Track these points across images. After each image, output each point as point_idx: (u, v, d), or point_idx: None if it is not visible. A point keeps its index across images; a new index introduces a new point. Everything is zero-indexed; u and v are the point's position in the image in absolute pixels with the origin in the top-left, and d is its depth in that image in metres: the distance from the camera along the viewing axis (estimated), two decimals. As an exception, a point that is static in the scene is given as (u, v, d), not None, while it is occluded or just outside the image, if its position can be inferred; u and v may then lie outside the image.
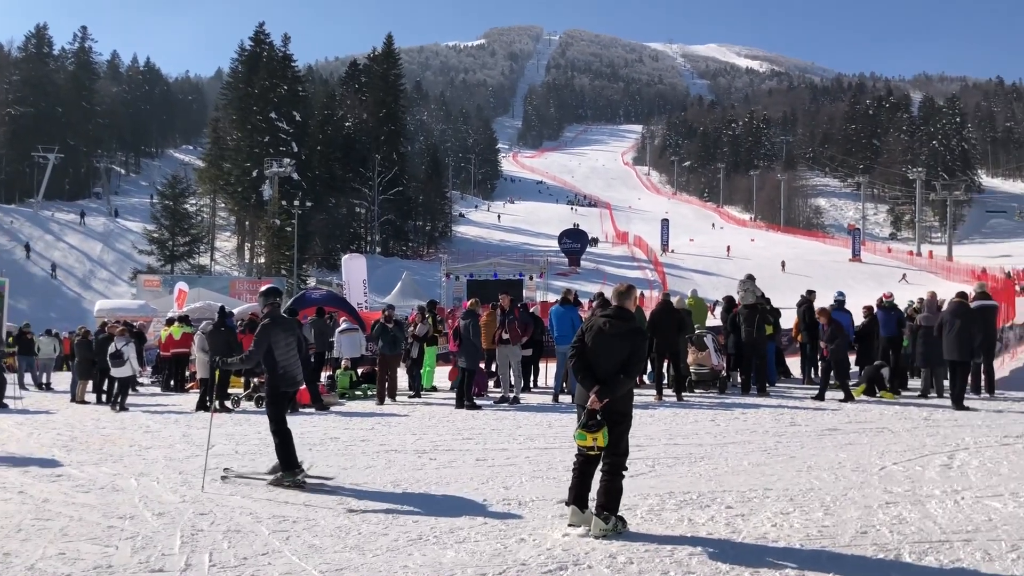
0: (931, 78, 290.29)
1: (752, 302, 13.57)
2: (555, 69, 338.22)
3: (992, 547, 4.74)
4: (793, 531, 5.15)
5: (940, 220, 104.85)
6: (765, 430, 9.50)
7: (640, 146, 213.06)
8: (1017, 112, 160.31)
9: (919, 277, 61.47)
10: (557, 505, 5.95)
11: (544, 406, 12.45)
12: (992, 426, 9.58)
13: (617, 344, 5.31)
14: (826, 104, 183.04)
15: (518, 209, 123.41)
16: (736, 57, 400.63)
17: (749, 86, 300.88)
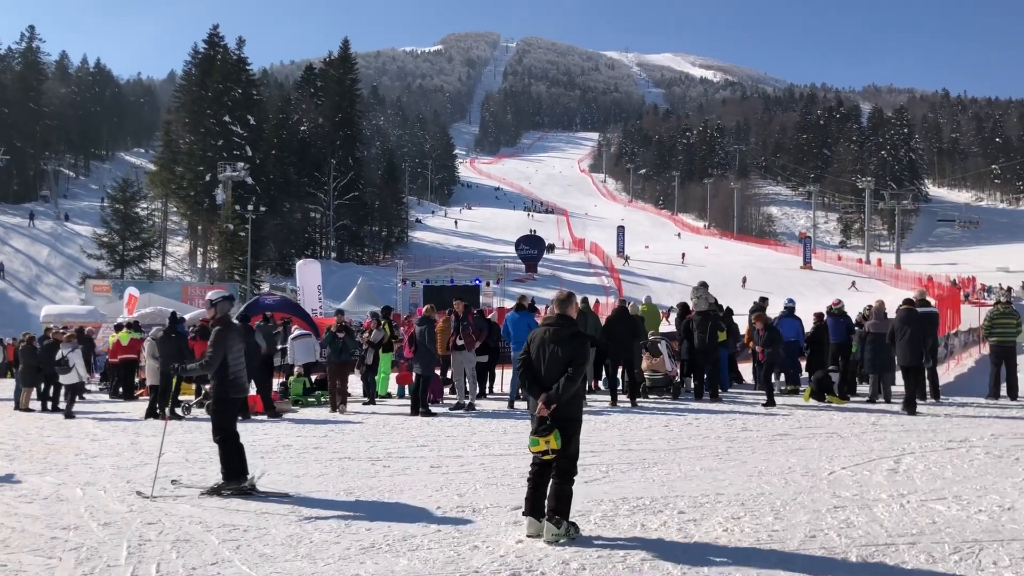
0: (880, 90, 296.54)
1: (705, 309, 13.73)
2: (512, 76, 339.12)
3: (935, 549, 4.84)
4: (744, 536, 5.21)
5: (888, 229, 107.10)
6: (717, 435, 9.61)
7: (596, 153, 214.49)
8: (962, 124, 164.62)
9: (868, 284, 62.69)
10: (512, 512, 5.95)
11: (499, 412, 12.45)
12: (937, 431, 9.79)
13: (561, 350, 5.37)
14: (778, 114, 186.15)
15: (475, 215, 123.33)
16: (690, 67, 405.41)
17: (703, 95, 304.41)
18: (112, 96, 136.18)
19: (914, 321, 12.13)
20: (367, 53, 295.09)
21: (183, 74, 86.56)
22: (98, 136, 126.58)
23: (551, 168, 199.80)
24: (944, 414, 11.40)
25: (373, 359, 14.39)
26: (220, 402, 7.20)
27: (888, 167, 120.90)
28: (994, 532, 5.24)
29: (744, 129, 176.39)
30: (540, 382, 5.37)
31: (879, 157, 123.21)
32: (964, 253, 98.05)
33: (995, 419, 10.84)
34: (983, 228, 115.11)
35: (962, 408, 12.14)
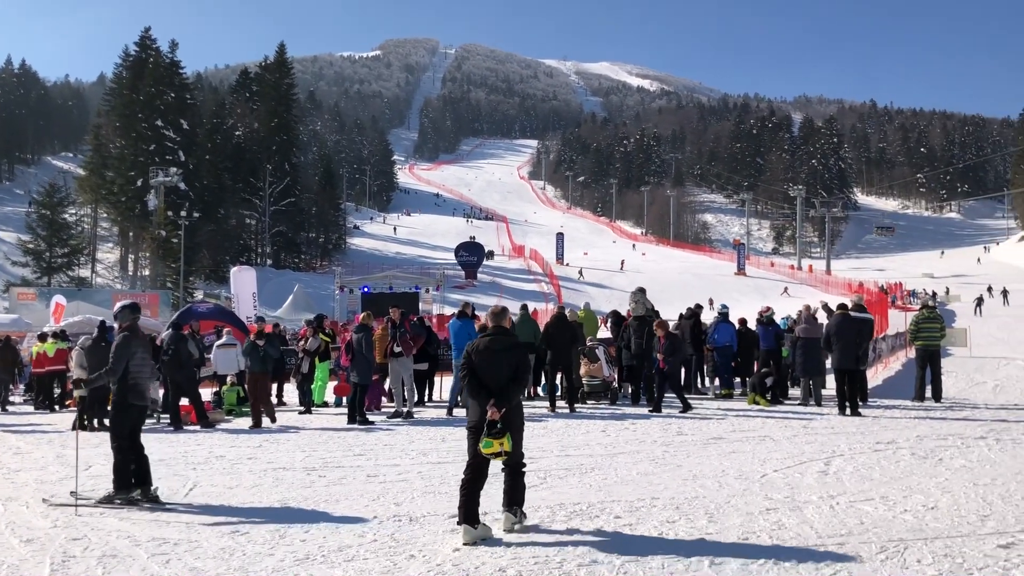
0: (811, 100, 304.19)
1: (642, 314, 13.88)
2: (451, 82, 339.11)
3: (863, 549, 4.97)
4: (678, 539, 5.27)
5: (819, 236, 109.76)
6: (654, 440, 9.71)
7: (536, 161, 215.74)
8: (889, 134, 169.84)
9: (800, 290, 64.11)
10: (449, 519, 5.92)
11: (438, 420, 12.40)
12: (865, 433, 10.05)
13: (503, 358, 5.75)
14: (713, 123, 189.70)
15: (414, 222, 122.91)
16: (627, 76, 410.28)
17: (640, 104, 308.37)
18: (38, 98, 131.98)
19: (850, 325, 12.47)
20: (304, 58, 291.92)
21: (113, 77, 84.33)
22: (23, 140, 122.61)
23: (491, 175, 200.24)
24: (872, 416, 11.71)
25: (309, 368, 14.21)
26: (119, 408, 7.10)
27: (819, 176, 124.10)
28: (918, 531, 5.40)
29: (680, 138, 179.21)
30: (487, 388, 5.66)
31: (810, 166, 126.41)
32: (891, 259, 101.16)
33: (920, 421, 11.17)
34: (909, 235, 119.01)
35: (889, 411, 12.48)
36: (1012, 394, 14.70)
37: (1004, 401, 13.61)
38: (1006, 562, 4.70)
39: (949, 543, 5.09)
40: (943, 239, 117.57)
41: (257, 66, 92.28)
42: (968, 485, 6.85)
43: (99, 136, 74.55)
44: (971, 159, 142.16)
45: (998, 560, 4.73)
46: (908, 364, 20.00)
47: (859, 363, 12.70)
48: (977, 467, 7.72)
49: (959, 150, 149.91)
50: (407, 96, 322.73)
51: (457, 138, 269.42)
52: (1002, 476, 7.21)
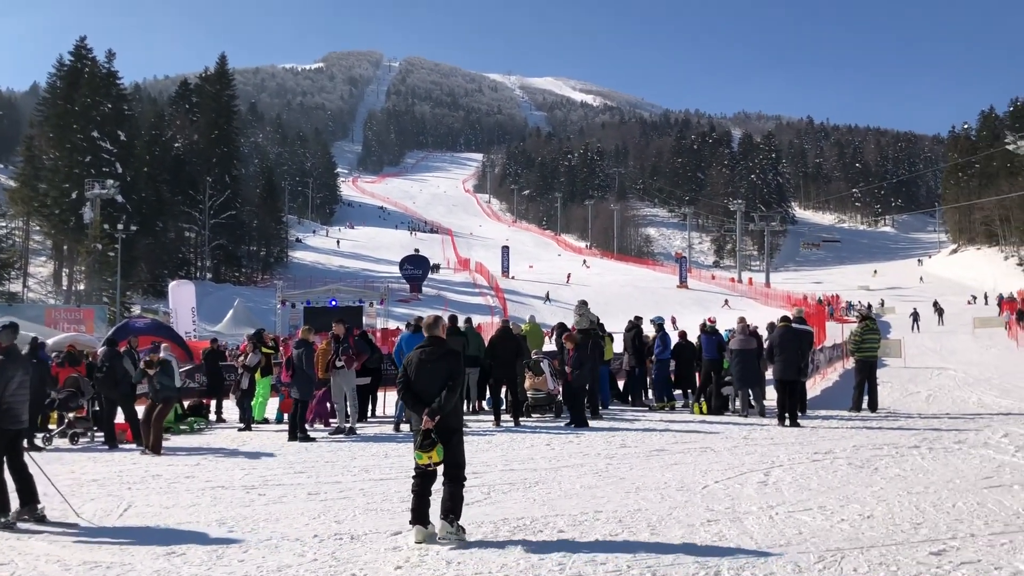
0: (750, 116, 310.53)
1: (586, 327, 13.95)
2: (395, 95, 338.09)
3: (802, 559, 5.04)
4: (621, 553, 5.28)
5: (759, 249, 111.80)
6: (597, 452, 9.75)
7: (481, 174, 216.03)
8: (825, 149, 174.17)
9: (740, 303, 65.16)
10: (391, 537, 5.87)
11: (381, 436, 12.27)
12: (804, 443, 10.22)
13: (437, 368, 5.89)
14: (655, 138, 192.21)
15: (358, 235, 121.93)
16: (571, 91, 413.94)
17: (584, 119, 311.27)
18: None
19: (793, 337, 12.71)
20: (245, 69, 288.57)
21: (47, 87, 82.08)
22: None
23: (436, 188, 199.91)
24: (811, 427, 11.92)
25: (249, 383, 13.96)
26: None
27: (757, 190, 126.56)
28: (855, 540, 5.49)
29: (623, 152, 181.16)
30: (422, 399, 5.81)
31: (749, 181, 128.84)
32: (829, 272, 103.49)
33: (856, 431, 11.41)
34: (845, 248, 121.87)
35: (827, 421, 12.72)
36: (944, 404, 15.09)
37: (936, 410, 13.96)
38: (938, 569, 4.81)
39: (884, 551, 5.19)
40: (878, 252, 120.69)
41: (197, 77, 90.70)
42: (902, 494, 7.00)
43: (32, 147, 72.45)
44: (904, 174, 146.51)
45: (930, 567, 4.84)
46: (845, 375, 20.43)
47: (800, 374, 12.97)
48: (911, 476, 7.90)
49: (892, 165, 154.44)
50: (351, 109, 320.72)
51: (401, 151, 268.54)
52: (934, 484, 7.39)
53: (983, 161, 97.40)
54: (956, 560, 4.98)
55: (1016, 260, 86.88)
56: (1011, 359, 26.58)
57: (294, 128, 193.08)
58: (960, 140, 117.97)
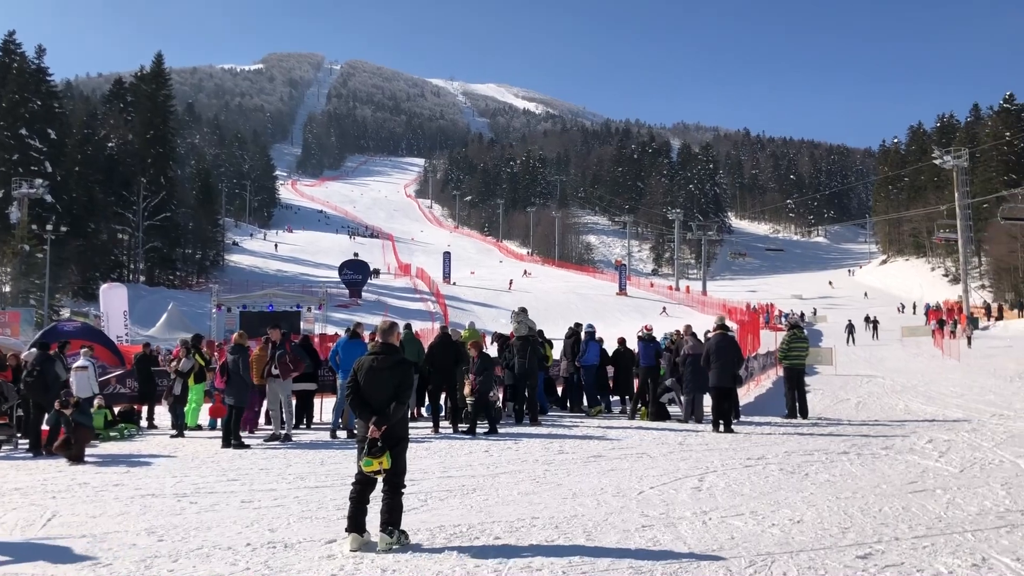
0: (689, 127, 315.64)
1: (525, 334, 13.99)
2: (336, 98, 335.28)
3: (733, 564, 5.12)
4: (557, 559, 5.30)
5: (696, 258, 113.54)
6: (535, 459, 9.77)
7: (422, 179, 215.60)
8: (761, 161, 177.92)
9: (677, 310, 66.11)
10: (326, 545, 5.80)
11: (317, 443, 12.12)
12: (737, 449, 10.40)
13: (387, 376, 5.85)
14: (596, 147, 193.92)
15: (297, 239, 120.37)
16: (514, 98, 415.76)
17: (526, 126, 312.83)
18: None
19: (729, 345, 12.95)
20: (182, 69, 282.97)
21: (-28, 82, 79.45)
22: None
23: (376, 192, 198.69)
24: (744, 433, 12.14)
25: (182, 389, 13.65)
26: None
27: (695, 200, 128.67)
28: (785, 544, 5.61)
29: (564, 160, 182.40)
30: (370, 406, 5.78)
31: (687, 191, 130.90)
32: (763, 281, 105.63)
33: (788, 437, 11.66)
34: (779, 257, 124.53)
35: (760, 427, 12.97)
36: (873, 410, 15.51)
37: (865, 417, 14.34)
38: (863, 572, 4.93)
39: (813, 555, 5.31)
40: (811, 262, 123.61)
41: (132, 76, 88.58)
42: (831, 499, 7.17)
43: (-45, 144, 69.98)
44: (836, 186, 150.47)
45: (856, 571, 4.96)
46: (778, 382, 20.84)
47: (735, 382, 13.23)
48: (840, 481, 8.09)
49: (826, 177, 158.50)
50: (290, 111, 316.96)
51: (342, 154, 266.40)
52: (862, 489, 7.59)
53: (912, 175, 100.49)
54: (881, 563, 5.12)
55: (942, 271, 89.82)
56: (936, 367, 27.44)
57: (232, 129, 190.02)
58: (890, 154, 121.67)
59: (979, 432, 11.49)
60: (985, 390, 18.64)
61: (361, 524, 5.73)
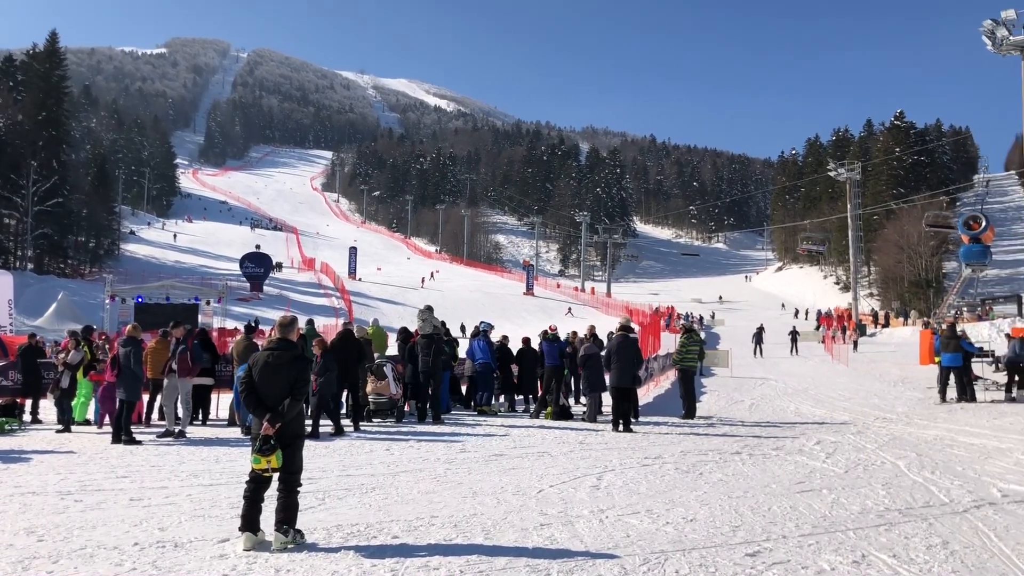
0: (597, 131, 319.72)
1: (430, 332, 13.94)
2: (242, 87, 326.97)
3: (627, 562, 5.22)
4: (454, 558, 5.30)
5: (601, 260, 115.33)
6: (437, 458, 9.75)
7: (330, 172, 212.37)
8: (666, 167, 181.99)
9: (582, 311, 67.01)
10: (219, 544, 5.64)
11: (213, 440, 11.80)
12: (636, 448, 10.61)
13: (283, 373, 5.73)
14: (507, 147, 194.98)
15: (197, 229, 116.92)
16: (425, 94, 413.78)
17: (437, 123, 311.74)
18: None
19: (630, 345, 13.20)
20: (79, 49, 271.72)
21: None
22: None
23: (282, 184, 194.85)
24: (643, 432, 12.39)
25: (70, 382, 13.09)
26: None
27: (602, 203, 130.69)
28: (678, 542, 5.74)
29: (475, 159, 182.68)
30: (264, 403, 5.65)
31: (595, 194, 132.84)
32: (665, 284, 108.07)
33: (685, 436, 11.95)
34: (682, 262, 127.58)
35: (658, 427, 13.26)
36: (765, 412, 16.03)
37: (758, 418, 14.81)
38: (752, 569, 5.10)
39: (704, 553, 5.45)
40: (711, 268, 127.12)
41: (24, 54, 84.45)
42: (724, 498, 7.38)
43: None
44: (737, 195, 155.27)
45: (745, 568, 5.12)
46: (676, 383, 21.33)
47: (635, 382, 13.49)
48: (732, 480, 8.34)
49: (727, 185, 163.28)
50: (194, 98, 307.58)
51: (247, 144, 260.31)
52: (753, 489, 7.84)
53: (808, 185, 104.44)
54: (769, 560, 5.29)
55: (834, 279, 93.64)
56: (826, 371, 28.57)
57: (132, 114, 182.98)
58: (788, 165, 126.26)
59: (864, 434, 12.01)
60: (870, 394, 19.51)
61: (255, 523, 5.61)
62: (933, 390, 17.82)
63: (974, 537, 5.93)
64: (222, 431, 12.69)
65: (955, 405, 16.23)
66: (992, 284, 71.12)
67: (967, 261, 42.95)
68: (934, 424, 13.22)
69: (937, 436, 11.69)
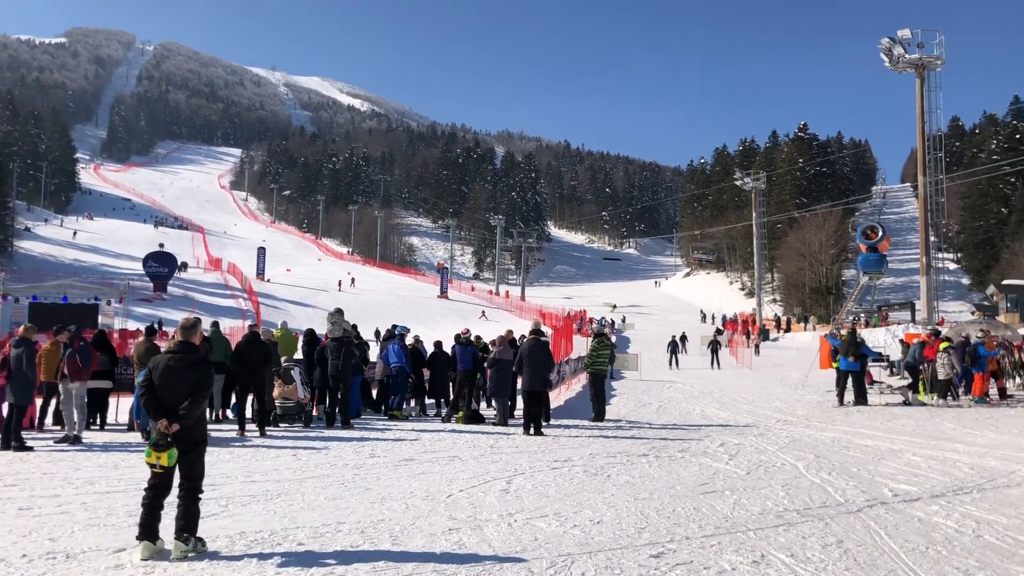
0: (512, 135, 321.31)
1: (339, 335, 13.76)
2: (148, 80, 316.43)
3: (534, 565, 5.25)
4: (361, 564, 5.24)
5: (516, 264, 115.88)
6: (345, 463, 9.62)
7: (239, 170, 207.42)
8: (580, 173, 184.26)
9: (497, 315, 67.17)
10: (114, 555, 5.44)
11: (112, 445, 11.37)
12: (546, 451, 10.68)
13: (185, 376, 5.60)
14: (421, 149, 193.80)
15: (98, 226, 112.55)
16: (339, 93, 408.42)
17: (350, 123, 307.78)
18: None
19: (541, 350, 13.30)
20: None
21: None
22: None
23: (188, 182, 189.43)
24: (553, 436, 12.48)
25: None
26: None
27: (517, 207, 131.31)
28: (585, 545, 5.80)
29: (389, 160, 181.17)
30: (164, 406, 5.51)
31: (510, 198, 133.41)
32: (579, 288, 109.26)
33: (594, 439, 12.11)
34: (594, 267, 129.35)
35: (568, 430, 13.38)
36: (672, 414, 16.37)
37: (665, 421, 15.11)
38: (656, 570, 5.19)
39: (610, 555, 5.53)
40: (622, 272, 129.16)
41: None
42: (630, 500, 7.50)
43: None
44: (648, 201, 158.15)
45: (649, 569, 5.21)
46: (587, 386, 21.58)
47: (546, 386, 13.60)
48: (639, 482, 8.48)
49: (638, 192, 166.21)
50: (96, 90, 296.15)
51: (152, 140, 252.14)
52: (659, 491, 7.98)
53: (715, 193, 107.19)
54: (672, 561, 5.40)
55: (739, 285, 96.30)
56: (731, 375, 29.36)
57: (28, 105, 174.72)
58: (697, 173, 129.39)
59: (765, 437, 12.38)
60: (773, 397, 20.13)
61: (154, 531, 5.42)
62: (832, 393, 18.48)
63: (866, 536, 6.17)
64: (121, 436, 12.27)
65: (852, 408, 16.88)
66: (888, 291, 74.40)
67: (864, 269, 44.82)
68: (832, 426, 13.72)
69: (834, 438, 12.14)
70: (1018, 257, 62.44)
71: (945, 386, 17.62)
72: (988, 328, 20.60)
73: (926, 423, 14.04)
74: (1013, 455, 10.24)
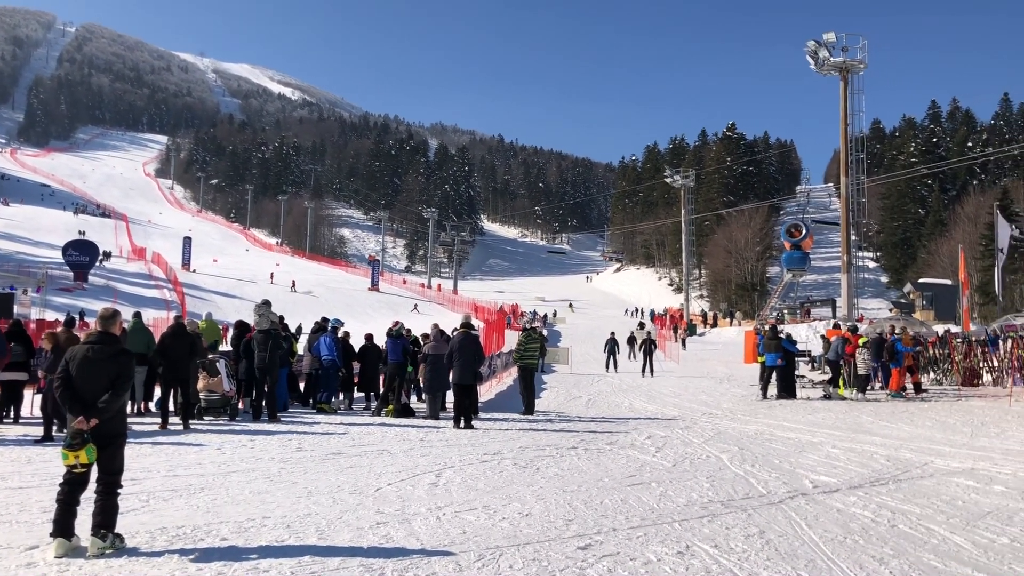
0: (446, 128, 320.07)
1: (267, 327, 13.54)
2: (69, 63, 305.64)
3: (463, 558, 5.24)
4: (286, 559, 5.15)
5: (448, 257, 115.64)
6: (271, 457, 9.47)
7: (164, 158, 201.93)
8: (513, 167, 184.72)
9: (429, 308, 66.92)
10: (26, 553, 5.25)
11: (25, 440, 10.98)
12: (476, 445, 10.69)
13: (104, 368, 5.41)
14: (353, 139, 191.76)
15: (14, 213, 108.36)
16: (269, 81, 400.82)
17: (281, 111, 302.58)
18: None
19: (471, 343, 13.33)
20: None
21: None
22: None
23: (111, 168, 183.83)
24: (483, 429, 12.50)
25: None
26: None
27: (450, 200, 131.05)
28: (513, 537, 5.82)
29: (320, 150, 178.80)
30: (81, 399, 5.33)
31: (443, 191, 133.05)
32: (511, 282, 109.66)
33: (524, 432, 12.16)
34: (526, 261, 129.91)
35: (498, 423, 13.42)
36: (601, 407, 16.55)
37: (595, 414, 15.27)
38: (583, 562, 5.23)
39: (538, 547, 5.55)
40: (554, 267, 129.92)
41: None
42: (559, 492, 7.55)
43: None
44: (580, 197, 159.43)
45: (577, 561, 5.25)
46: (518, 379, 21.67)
47: (475, 379, 13.63)
48: (567, 475, 8.55)
49: (571, 188, 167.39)
50: (13, 72, 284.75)
51: (73, 125, 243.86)
52: (587, 483, 8.06)
53: (646, 190, 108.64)
54: (599, 553, 5.45)
55: (668, 280, 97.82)
56: (658, 368, 29.76)
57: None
58: (628, 170, 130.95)
59: (691, 429, 12.60)
60: (699, 391, 20.51)
61: (69, 527, 5.25)
62: (756, 387, 18.91)
63: (787, 526, 6.33)
64: (35, 430, 11.85)
65: (775, 402, 17.31)
66: (810, 288, 76.45)
67: (788, 266, 46.05)
68: (755, 420, 14.04)
69: (758, 431, 12.43)
70: (934, 256, 64.91)
71: (864, 381, 18.21)
72: (905, 324, 21.36)
73: (845, 416, 14.48)
74: (927, 447, 10.62)
